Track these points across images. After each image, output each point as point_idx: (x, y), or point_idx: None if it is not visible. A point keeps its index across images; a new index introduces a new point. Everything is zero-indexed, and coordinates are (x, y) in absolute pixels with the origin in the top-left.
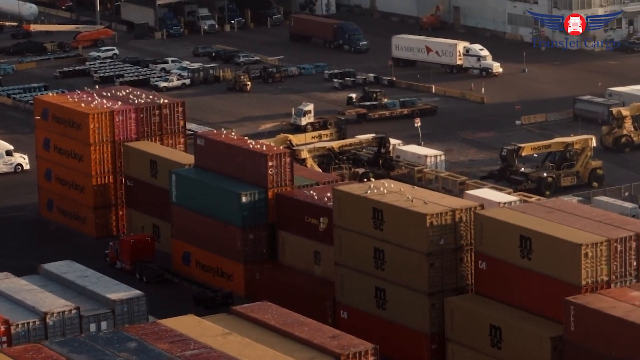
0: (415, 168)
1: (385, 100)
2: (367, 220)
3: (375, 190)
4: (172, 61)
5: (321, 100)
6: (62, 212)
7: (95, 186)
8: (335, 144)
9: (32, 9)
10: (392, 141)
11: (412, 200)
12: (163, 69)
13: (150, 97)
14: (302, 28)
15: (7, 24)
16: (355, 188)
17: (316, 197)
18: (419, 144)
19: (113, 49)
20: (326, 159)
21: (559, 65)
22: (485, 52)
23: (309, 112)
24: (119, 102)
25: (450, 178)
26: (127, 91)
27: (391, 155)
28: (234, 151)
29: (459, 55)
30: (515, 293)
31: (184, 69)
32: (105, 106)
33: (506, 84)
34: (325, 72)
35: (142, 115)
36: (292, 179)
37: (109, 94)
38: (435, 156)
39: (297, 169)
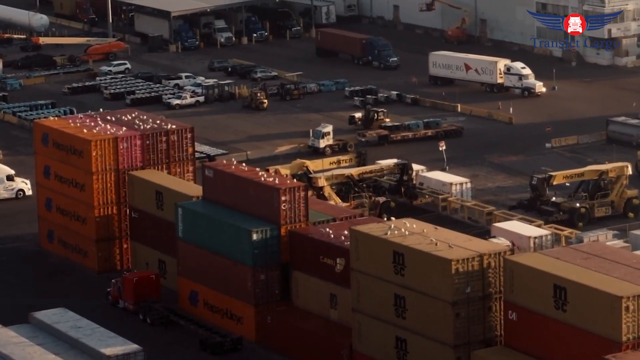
0: (440, 197)
1: (387, 120)
2: (387, 264)
3: (395, 232)
4: (186, 77)
5: (341, 119)
6: (63, 244)
7: (98, 217)
8: (355, 171)
9: (42, 19)
10: (415, 167)
11: (436, 244)
12: (176, 85)
13: (158, 121)
14: (328, 43)
15: (15, 36)
16: (374, 229)
17: (332, 236)
18: (444, 169)
19: (125, 64)
20: (345, 187)
21: (590, 82)
22: (527, 71)
23: (328, 133)
24: (124, 128)
25: (477, 208)
26: (133, 115)
27: (414, 182)
28: (244, 184)
29: (500, 74)
30: (549, 347)
31: (198, 85)
32: (108, 132)
33: (535, 102)
34: (346, 89)
35: (148, 142)
36: (307, 215)
37: (113, 119)
38: (461, 184)
39: (312, 202)
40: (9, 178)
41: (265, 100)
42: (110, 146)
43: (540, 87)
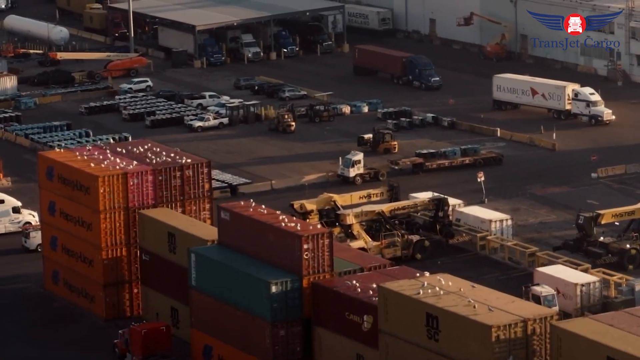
0: (478, 235)
1: (394, 143)
2: (420, 327)
3: (429, 290)
4: (210, 96)
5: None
6: (68, 287)
7: (106, 260)
8: (386, 208)
9: (62, 32)
10: (452, 201)
11: (475, 306)
12: (200, 105)
13: (172, 154)
14: (367, 60)
15: (31, 51)
16: (405, 286)
17: (359, 289)
18: (482, 202)
19: (146, 81)
20: (375, 224)
21: (637, 103)
22: (596, 97)
23: (358, 162)
24: (134, 162)
25: (518, 248)
26: (146, 147)
27: (450, 219)
28: (263, 229)
29: (568, 99)
30: None
31: (222, 105)
32: (118, 167)
33: (580, 126)
34: (379, 110)
35: (160, 178)
36: (332, 265)
37: (123, 151)
38: (501, 221)
39: (337, 248)
40: (15, 210)
41: (293, 123)
42: (119, 182)
43: (609, 115)
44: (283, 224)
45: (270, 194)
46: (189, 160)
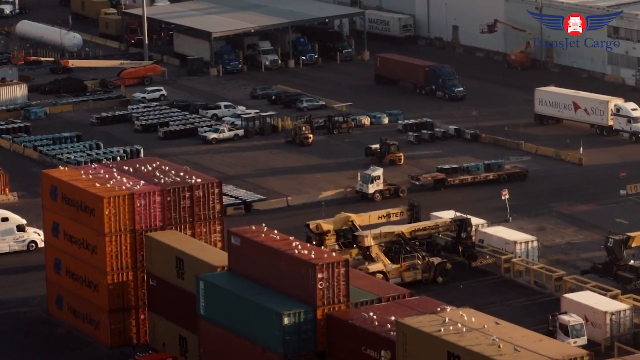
0: (502, 257)
1: (400, 155)
2: None
3: (450, 327)
4: (225, 106)
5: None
6: (73, 312)
7: (111, 285)
8: (406, 229)
9: (75, 39)
10: (475, 221)
11: (499, 345)
12: (214, 115)
13: (182, 173)
14: (389, 70)
15: (42, 59)
16: (425, 322)
17: (377, 322)
18: (507, 220)
19: (160, 90)
20: (395, 246)
21: None
22: (638, 113)
23: (378, 177)
24: (142, 182)
25: (544, 272)
26: (154, 165)
27: (473, 240)
28: (275, 256)
29: (611, 115)
30: None
31: (238, 116)
32: (124, 187)
33: (607, 139)
34: (399, 122)
35: (169, 199)
36: (348, 295)
37: (131, 169)
38: (526, 242)
39: (354, 276)
40: (20, 228)
41: (310, 135)
42: (125, 203)
43: None
44: (296, 251)
45: (285, 211)
46: (198, 180)
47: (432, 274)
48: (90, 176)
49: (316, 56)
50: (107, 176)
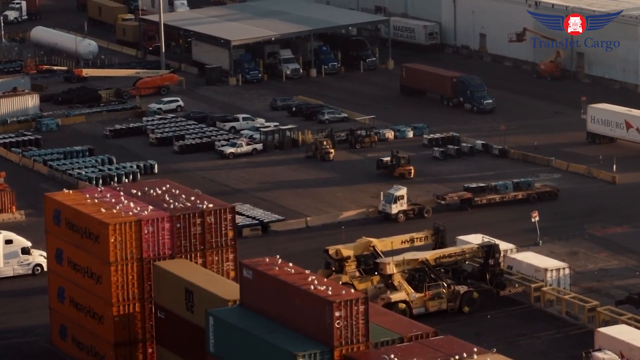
0: (532, 285)
1: (409, 168)
2: None
3: None
4: (244, 119)
5: (418, 175)
6: (77, 344)
7: (117, 317)
8: (431, 256)
9: (90, 46)
10: (503, 245)
11: None
12: (232, 128)
13: (193, 198)
14: (414, 80)
15: (55, 68)
16: None
17: None
18: (536, 244)
19: (177, 100)
20: (419, 274)
21: None
22: None
23: (402, 197)
24: (150, 207)
25: (577, 302)
26: (164, 189)
27: (502, 267)
28: (289, 291)
29: None
30: None
31: (256, 129)
32: (131, 212)
33: None
34: (424, 136)
35: (178, 225)
36: (367, 335)
37: (139, 193)
38: (558, 270)
39: (374, 312)
40: (25, 251)
41: (332, 150)
42: (132, 230)
43: None
44: (312, 287)
45: (304, 232)
46: (210, 205)
47: (458, 303)
48: (96, 200)
49: (339, 65)
50: (113, 200)
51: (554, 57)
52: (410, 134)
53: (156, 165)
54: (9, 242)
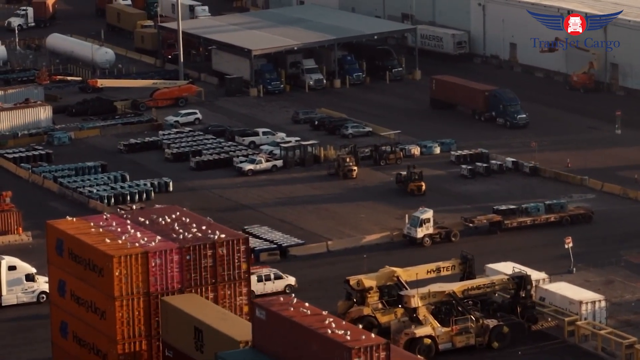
0: (566, 319)
1: (420, 184)
2: None
3: None
4: (264, 133)
5: (445, 194)
6: None
7: (122, 355)
8: (458, 288)
9: (107, 54)
10: (535, 275)
11: None
12: (252, 143)
13: (204, 227)
14: (445, 93)
15: (69, 78)
16: None
17: None
18: (570, 271)
19: (195, 113)
20: (445, 307)
21: None
22: None
23: (428, 220)
24: (158, 237)
25: (614, 338)
26: (174, 216)
27: (533, 300)
28: (305, 335)
29: None
30: None
31: (277, 145)
32: (137, 243)
33: None
34: (452, 152)
35: (188, 257)
36: None
37: (147, 222)
38: (593, 302)
39: (396, 355)
40: (29, 278)
41: (355, 168)
42: (138, 263)
43: None
44: (330, 331)
45: (325, 257)
46: (222, 236)
47: (487, 338)
48: (101, 230)
49: (364, 75)
50: (119, 230)
51: (587, 68)
52: (437, 150)
53: (171, 183)
54: (12, 268)
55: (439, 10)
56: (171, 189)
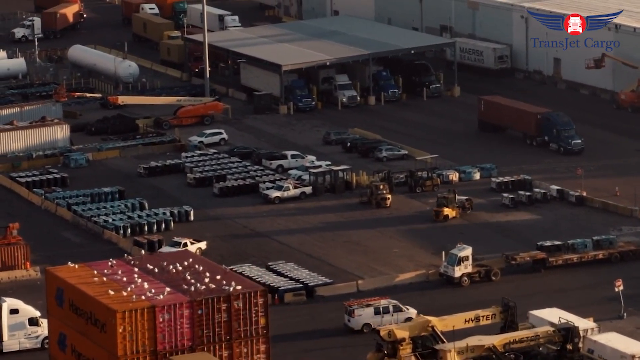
0: None
1: (454, 213)
2: None
3: None
4: (293, 156)
5: (486, 227)
6: None
7: None
8: (499, 341)
9: (131, 68)
10: (583, 324)
11: None
12: (280, 167)
13: (218, 277)
14: (494, 115)
15: (88, 95)
16: None
17: None
18: (620, 317)
19: (221, 133)
20: None
21: None
22: None
23: (466, 258)
24: (167, 289)
25: None
26: (186, 264)
27: (581, 353)
28: None
29: None
30: None
31: (305, 169)
32: (144, 296)
33: None
34: (492, 179)
35: (200, 312)
36: None
37: (156, 270)
38: None
39: None
40: (33, 322)
41: (389, 196)
42: (144, 319)
43: None
44: None
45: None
46: (238, 288)
47: None
48: (105, 279)
49: (400, 92)
50: (125, 279)
51: (635, 86)
52: (477, 176)
53: (192, 212)
54: (14, 311)
55: (479, 22)
56: (192, 218)
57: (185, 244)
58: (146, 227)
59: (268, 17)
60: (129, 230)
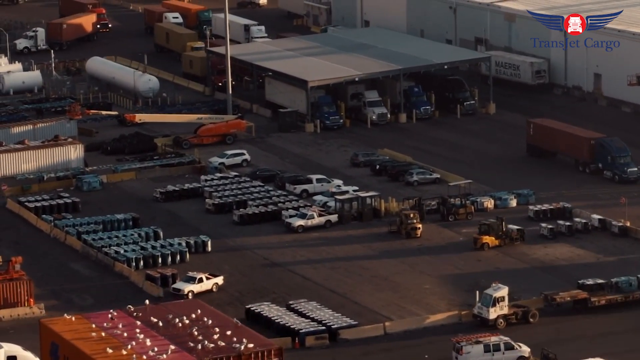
0: None
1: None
2: None
3: None
4: (318, 180)
5: (521, 260)
6: None
7: None
8: None
9: (150, 82)
10: None
11: None
12: (304, 191)
13: (229, 331)
14: (544, 139)
15: (103, 112)
16: None
17: None
18: None
19: (243, 154)
20: None
21: None
22: None
23: (502, 299)
24: (172, 347)
25: None
26: (193, 317)
27: None
28: None
29: None
30: None
31: (331, 195)
32: (145, 355)
33: None
34: (530, 207)
35: None
36: None
37: (160, 323)
38: None
39: None
40: None
41: (419, 226)
42: None
43: None
44: None
45: (382, 342)
46: (250, 346)
47: None
48: (103, 333)
49: (432, 109)
50: (125, 335)
51: None
52: (514, 203)
53: (209, 242)
54: (12, 358)
55: (516, 34)
56: (209, 248)
57: (200, 279)
58: (160, 259)
59: (296, 26)
60: (141, 263)
